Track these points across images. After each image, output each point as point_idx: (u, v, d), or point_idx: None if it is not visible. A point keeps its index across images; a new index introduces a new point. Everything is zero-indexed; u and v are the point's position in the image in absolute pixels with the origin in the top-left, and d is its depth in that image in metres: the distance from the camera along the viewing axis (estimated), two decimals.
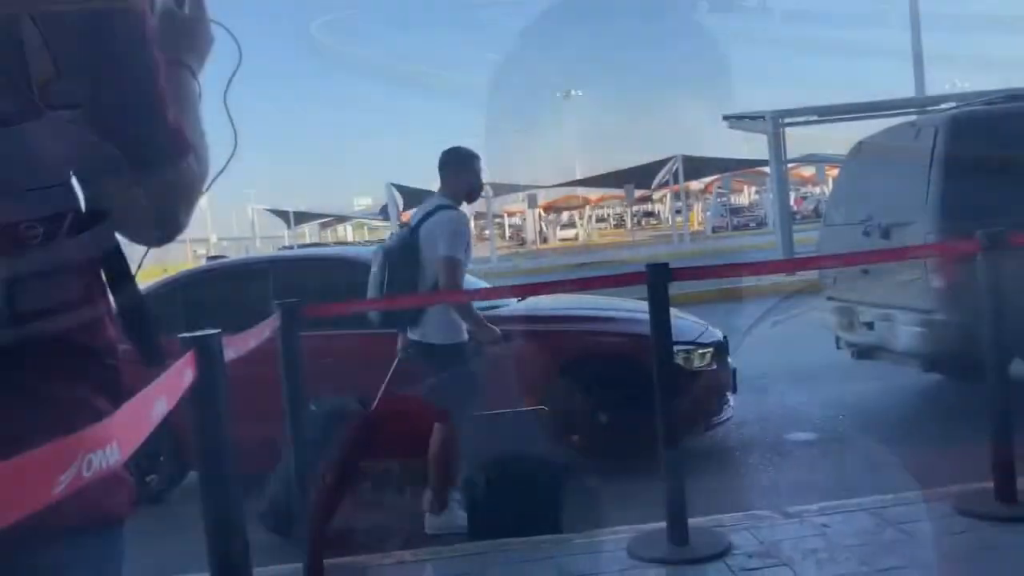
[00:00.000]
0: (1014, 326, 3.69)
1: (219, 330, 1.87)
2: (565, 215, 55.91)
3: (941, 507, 3.49)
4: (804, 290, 14.17)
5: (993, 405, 3.51)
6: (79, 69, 0.85)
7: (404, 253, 4.18)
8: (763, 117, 16.05)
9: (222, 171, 1.10)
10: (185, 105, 1.03)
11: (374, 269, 4.30)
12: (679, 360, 5.09)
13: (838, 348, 6.67)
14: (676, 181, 34.35)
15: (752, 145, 42.77)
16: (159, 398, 0.98)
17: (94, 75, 0.86)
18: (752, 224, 41.69)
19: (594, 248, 36.12)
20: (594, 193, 48.96)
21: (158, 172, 0.92)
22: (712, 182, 43.87)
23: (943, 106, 18.06)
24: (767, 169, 39.32)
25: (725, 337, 5.68)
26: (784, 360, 8.03)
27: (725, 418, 5.44)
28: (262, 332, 2.98)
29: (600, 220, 65.36)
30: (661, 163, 34.22)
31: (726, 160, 35.23)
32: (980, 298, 4.91)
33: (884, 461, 4.98)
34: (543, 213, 50.24)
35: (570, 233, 51.77)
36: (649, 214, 64.01)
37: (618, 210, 64.10)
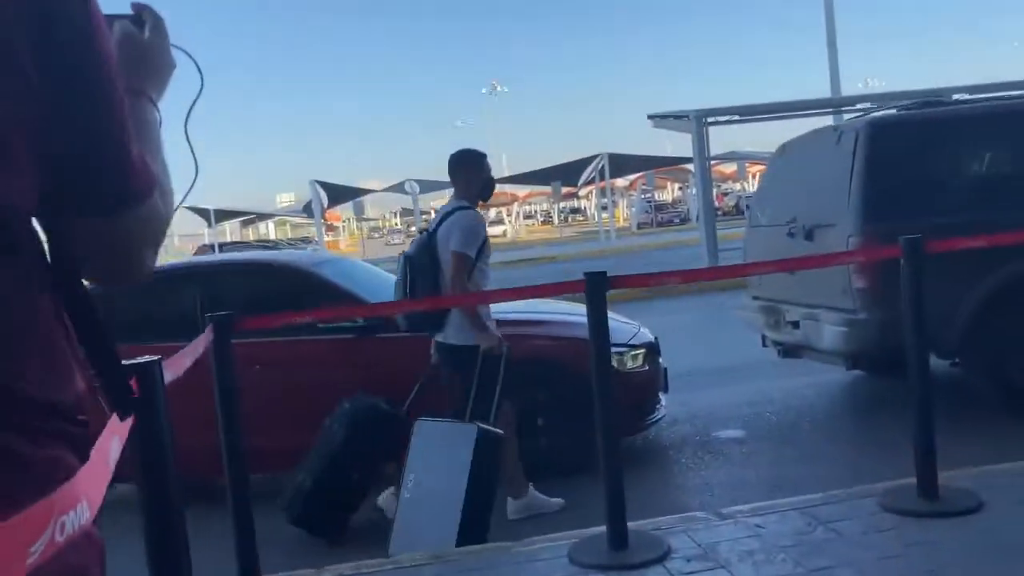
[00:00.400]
0: (930, 326, 3.86)
1: (158, 357, 1.81)
2: (492, 212, 55.95)
3: (868, 504, 3.61)
4: (729, 288, 14.53)
5: (915, 404, 3.63)
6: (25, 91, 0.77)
7: (424, 258, 4.28)
8: (687, 116, 16.32)
9: (182, 202, 1.06)
10: (147, 137, 0.97)
11: (397, 277, 4.40)
12: (613, 362, 5.15)
13: (764, 346, 6.84)
14: (602, 178, 34.70)
15: (675, 142, 43.42)
16: (113, 439, 0.93)
17: (49, 101, 0.79)
18: (676, 220, 42.44)
19: (523, 245, 36.23)
20: (522, 190, 49.12)
21: (121, 213, 0.86)
22: (636, 179, 44.47)
23: (860, 106, 18.68)
24: (690, 166, 40.03)
25: (656, 338, 5.77)
26: (710, 357, 8.23)
27: (658, 418, 5.53)
28: (197, 349, 2.90)
29: (528, 217, 65.67)
30: (587, 160, 34.53)
31: (650, 157, 35.77)
32: (900, 298, 5.14)
33: (811, 457, 5.15)
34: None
35: (498, 230, 51.81)
36: (575, 211, 64.59)
37: (545, 207, 64.54)
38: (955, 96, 16.79)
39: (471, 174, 4.46)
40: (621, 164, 34.83)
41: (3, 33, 0.74)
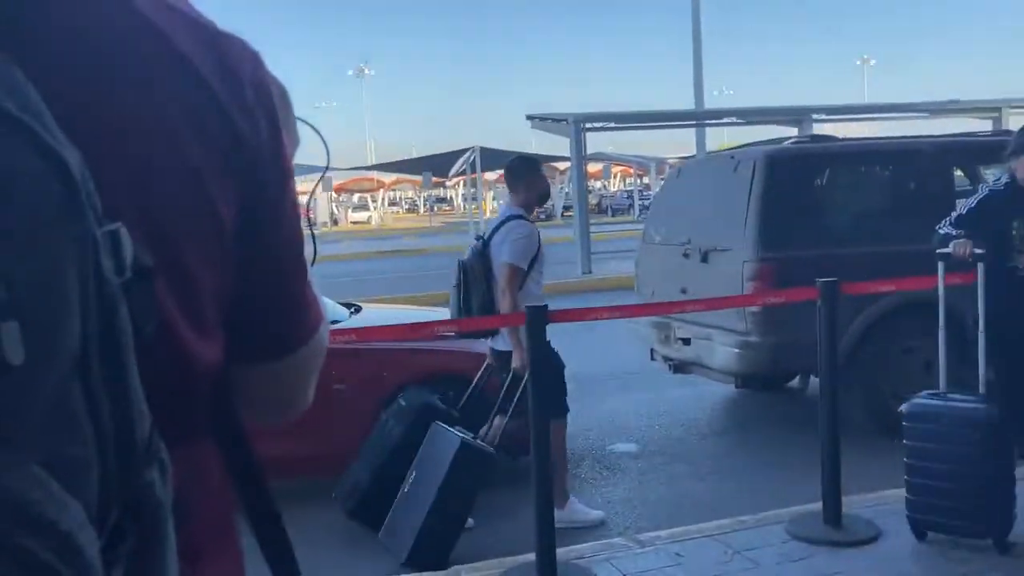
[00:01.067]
0: (810, 349, 4.11)
1: None
2: (356, 197, 55.06)
3: (777, 532, 3.79)
4: (614, 289, 14.88)
5: (824, 438, 3.84)
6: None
7: (478, 266, 4.34)
8: (566, 120, 16.59)
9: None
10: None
11: (452, 283, 4.44)
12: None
13: (652, 360, 7.05)
14: (473, 171, 34.79)
15: (540, 141, 44.09)
16: None
17: (244, 268, 0.72)
18: (542, 216, 43.04)
19: (389, 233, 35.85)
20: (388, 176, 48.56)
21: (291, 355, 0.79)
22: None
23: (725, 119, 19.52)
24: (558, 164, 40.69)
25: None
26: (599, 364, 8.39)
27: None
28: None
29: (392, 204, 65.03)
30: (458, 153, 34.52)
31: (520, 154, 36.15)
32: (790, 323, 5.40)
33: (705, 474, 5.36)
34: (335, 194, 49.19)
35: (362, 216, 51.06)
36: (442, 200, 64.46)
37: (411, 194, 64.06)
38: (814, 116, 17.88)
39: (532, 182, 4.51)
40: (492, 158, 35.00)
41: (212, 207, 0.68)
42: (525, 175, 4.53)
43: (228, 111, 0.69)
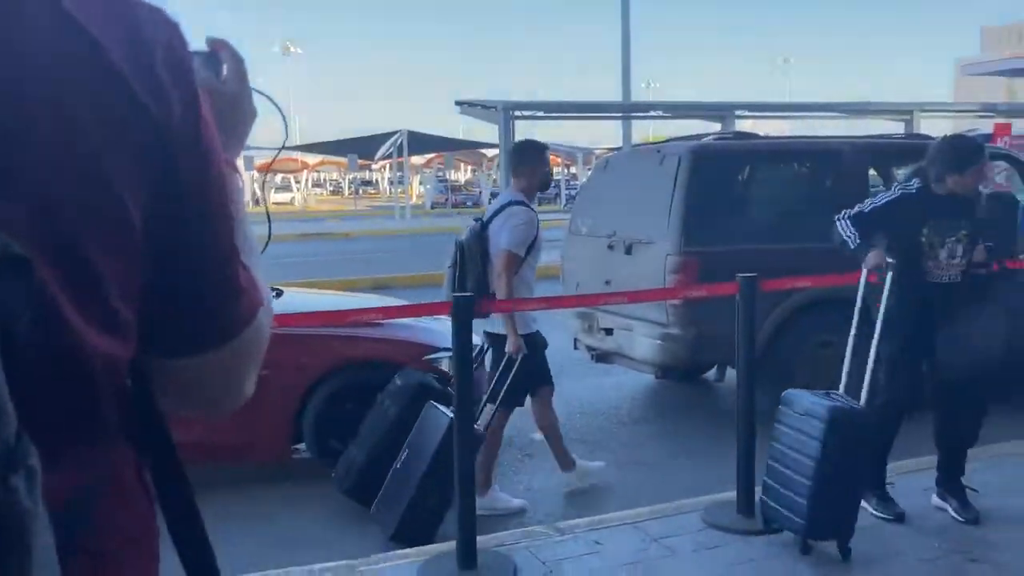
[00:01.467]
0: (728, 341, 4.24)
1: None
2: (279, 177, 53.98)
3: (693, 520, 3.88)
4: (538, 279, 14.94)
5: (740, 431, 3.94)
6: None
7: (475, 247, 4.34)
8: (495, 107, 16.56)
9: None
10: (239, 225, 0.81)
11: (448, 263, 4.46)
12: (444, 366, 5.19)
13: (575, 349, 7.13)
14: (400, 154, 34.50)
15: (467, 126, 43.86)
16: None
17: (157, 252, 0.68)
18: (469, 203, 42.97)
19: (313, 215, 35.28)
20: (312, 157, 47.74)
21: (221, 347, 0.75)
22: (432, 158, 44.59)
23: (652, 113, 19.76)
24: (486, 151, 40.57)
25: (483, 342, 5.84)
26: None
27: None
28: None
29: (316, 185, 63.97)
30: (386, 135, 34.17)
31: (448, 139, 35.98)
32: (710, 316, 5.51)
33: (624, 463, 5.44)
34: (257, 174, 48.11)
35: (285, 197, 50.07)
36: (367, 183, 63.72)
37: (335, 176, 63.12)
38: (737, 112, 18.26)
39: (536, 167, 4.50)
40: (419, 142, 34.76)
41: (117, 191, 0.66)
42: (531, 160, 4.52)
43: (137, 96, 0.67)
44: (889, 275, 3.81)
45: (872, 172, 7.34)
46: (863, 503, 3.71)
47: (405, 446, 4.19)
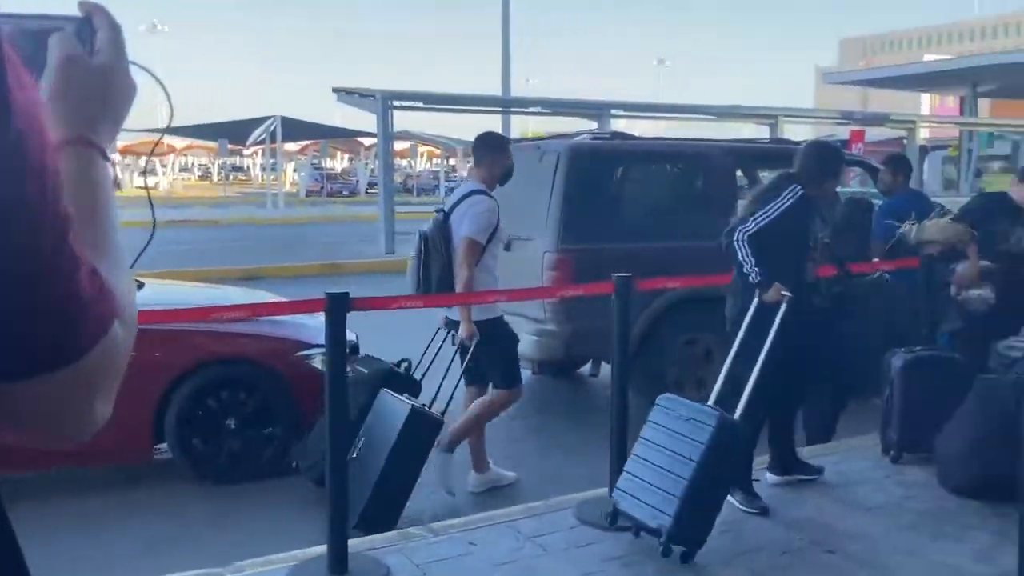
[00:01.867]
0: (602, 337, 4.32)
1: None
2: (143, 160, 51.56)
3: (566, 517, 3.91)
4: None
5: (613, 423, 3.99)
6: None
7: (438, 238, 4.39)
8: (374, 96, 16.31)
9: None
10: (96, 218, 0.69)
11: (412, 253, 4.49)
12: (317, 364, 5.04)
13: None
14: (273, 140, 33.56)
15: (348, 114, 43.15)
16: None
17: None
18: (345, 192, 42.24)
19: (181, 201, 33.83)
20: (180, 141, 45.79)
21: (60, 370, 0.62)
22: (308, 146, 43.59)
23: (531, 109, 19.89)
24: (365, 140, 39.92)
25: (356, 337, 5.72)
26: (398, 350, 8.27)
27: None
28: None
29: (184, 169, 61.43)
30: (258, 120, 33.15)
31: (324, 126, 35.21)
32: (585, 313, 5.56)
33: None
34: (120, 157, 45.78)
35: (150, 182, 47.85)
36: (237, 169, 61.73)
37: (204, 160, 60.77)
38: (613, 111, 18.62)
39: (497, 158, 4.57)
40: (294, 129, 33.89)
41: None
42: (493, 151, 4.60)
43: None
44: (783, 306, 3.90)
45: (739, 174, 7.62)
46: (729, 497, 3.82)
47: (360, 434, 4.21)
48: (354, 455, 4.13)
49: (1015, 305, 4.55)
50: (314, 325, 4.88)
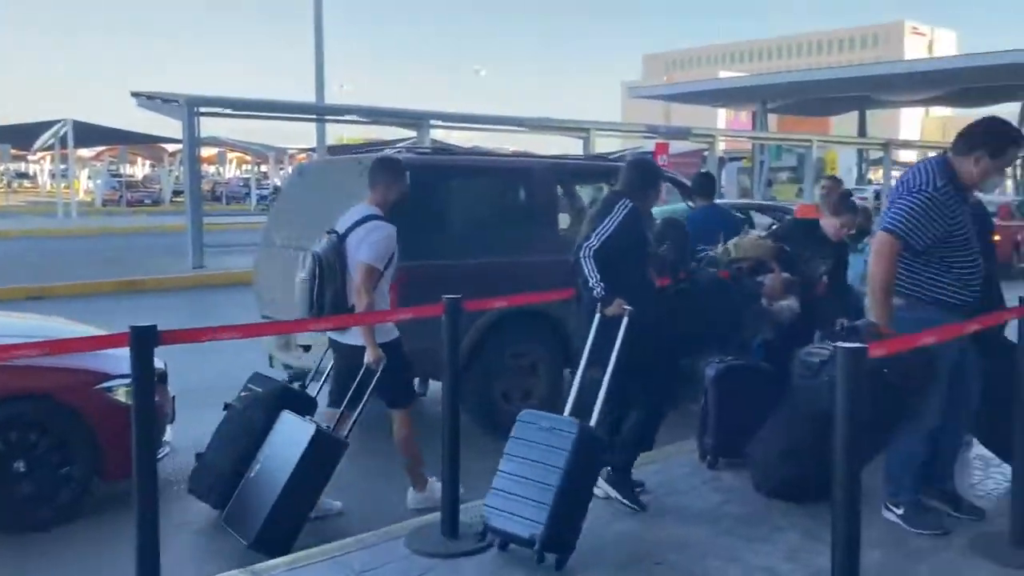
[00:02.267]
0: (430, 355, 4.29)
1: None
2: None
3: (398, 548, 3.77)
4: (222, 286, 14.04)
5: (445, 450, 3.90)
6: None
7: (332, 259, 4.34)
8: (177, 101, 15.46)
9: None
10: None
11: (302, 275, 4.37)
12: (120, 396, 4.64)
13: (271, 367, 6.74)
14: (63, 146, 31.18)
15: (150, 119, 40.78)
16: None
17: None
18: (147, 200, 39.85)
19: None
20: None
21: None
22: (104, 151, 40.80)
23: (347, 117, 19.50)
24: (168, 146, 37.85)
25: (165, 364, 5.30)
26: (212, 374, 7.77)
27: (162, 455, 5.05)
28: None
29: None
30: (46, 124, 30.71)
31: (122, 131, 33.11)
32: (410, 332, 5.45)
33: (329, 490, 5.20)
34: None
35: None
36: (23, 175, 57.06)
37: None
38: (431, 121, 18.60)
39: (392, 182, 4.56)
40: (88, 134, 31.63)
41: None
42: (388, 176, 4.59)
43: None
44: (625, 320, 4.07)
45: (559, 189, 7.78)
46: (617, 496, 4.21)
47: (259, 454, 4.18)
48: (251, 475, 4.17)
49: (808, 320, 4.93)
50: (116, 354, 4.48)
